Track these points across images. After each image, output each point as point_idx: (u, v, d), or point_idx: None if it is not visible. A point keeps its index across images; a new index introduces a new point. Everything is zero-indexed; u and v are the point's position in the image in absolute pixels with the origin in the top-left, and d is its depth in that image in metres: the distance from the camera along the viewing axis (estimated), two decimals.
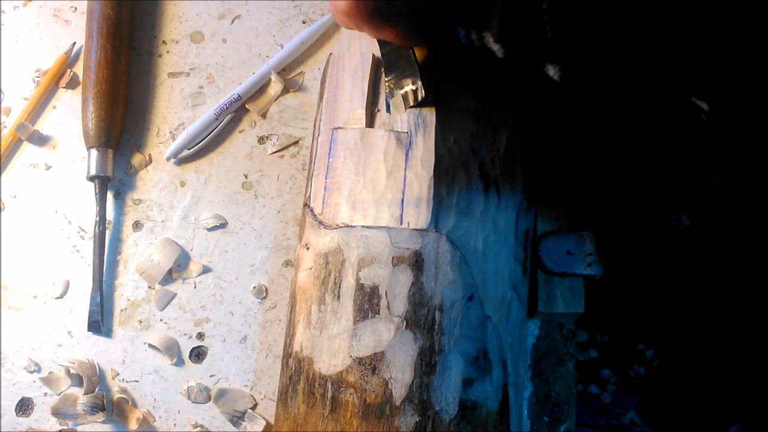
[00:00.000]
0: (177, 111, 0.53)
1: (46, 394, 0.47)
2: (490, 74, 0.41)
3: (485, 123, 0.42)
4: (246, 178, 0.51)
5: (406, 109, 0.42)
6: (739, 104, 0.32)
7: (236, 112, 0.53)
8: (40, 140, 0.53)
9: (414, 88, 0.41)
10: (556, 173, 0.47)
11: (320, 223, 0.40)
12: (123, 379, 0.47)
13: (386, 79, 0.43)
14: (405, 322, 0.37)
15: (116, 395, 0.46)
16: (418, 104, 0.42)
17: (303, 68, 0.54)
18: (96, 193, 0.50)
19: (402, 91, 0.42)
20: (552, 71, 0.33)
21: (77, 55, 0.55)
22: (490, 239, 0.40)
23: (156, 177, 0.52)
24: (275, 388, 0.46)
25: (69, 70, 0.55)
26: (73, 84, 0.55)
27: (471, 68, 0.41)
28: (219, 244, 0.50)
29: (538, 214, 0.45)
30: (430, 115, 0.42)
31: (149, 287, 0.49)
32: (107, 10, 0.52)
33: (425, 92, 0.41)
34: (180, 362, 0.47)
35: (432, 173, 0.40)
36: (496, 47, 0.34)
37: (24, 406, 0.46)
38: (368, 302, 0.38)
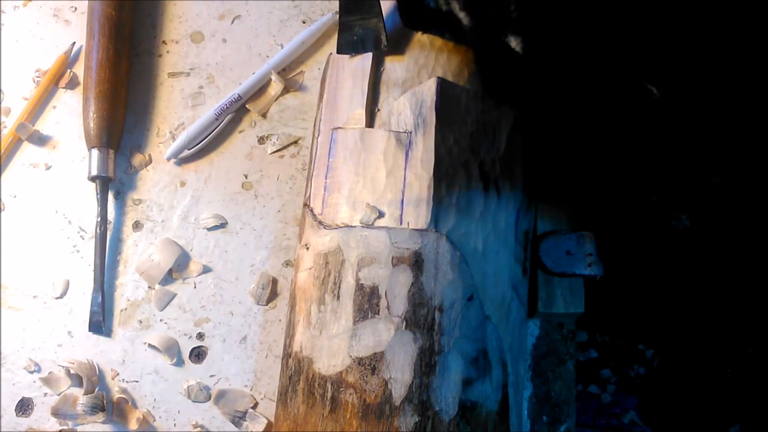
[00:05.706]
0: (177, 111, 0.53)
1: (46, 394, 0.47)
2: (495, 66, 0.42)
3: (485, 123, 0.42)
4: (246, 178, 0.51)
5: (371, 51, 0.43)
6: (687, 91, 0.34)
7: (236, 112, 0.53)
8: (40, 140, 0.53)
9: (377, 33, 0.43)
10: (556, 173, 0.47)
11: (320, 223, 0.40)
12: (123, 379, 0.47)
13: (345, 19, 0.44)
14: (405, 323, 0.37)
15: (116, 395, 0.46)
16: (379, 51, 0.43)
17: (303, 68, 0.54)
18: (97, 194, 0.50)
19: (363, 33, 0.43)
20: (514, 42, 0.35)
21: (77, 55, 0.55)
22: (490, 239, 0.40)
23: (156, 177, 0.52)
24: (275, 388, 0.46)
25: (69, 71, 0.55)
26: (72, 84, 0.55)
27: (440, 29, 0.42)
28: (219, 244, 0.50)
29: (538, 214, 0.45)
30: (430, 114, 0.42)
31: (149, 287, 0.49)
32: (109, 9, 0.52)
33: (386, 41, 0.43)
34: (180, 362, 0.47)
35: (432, 173, 0.40)
36: (461, 15, 0.36)
37: (24, 406, 0.47)
38: (368, 302, 0.38)
